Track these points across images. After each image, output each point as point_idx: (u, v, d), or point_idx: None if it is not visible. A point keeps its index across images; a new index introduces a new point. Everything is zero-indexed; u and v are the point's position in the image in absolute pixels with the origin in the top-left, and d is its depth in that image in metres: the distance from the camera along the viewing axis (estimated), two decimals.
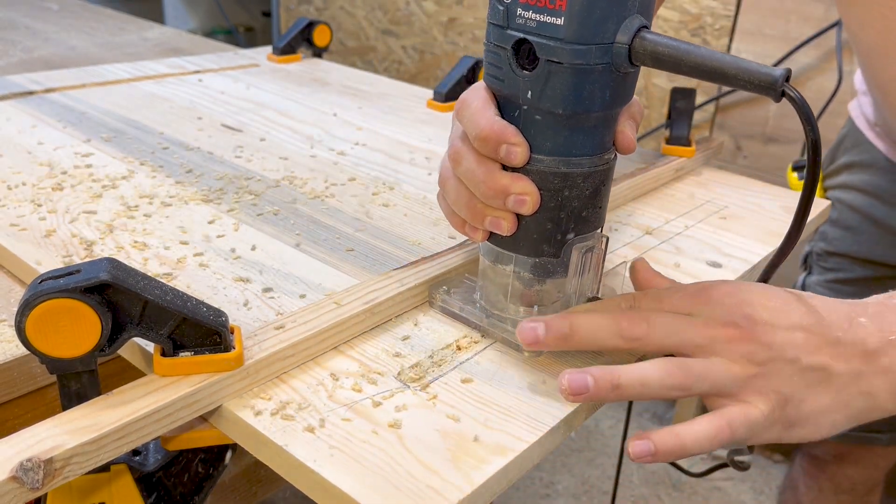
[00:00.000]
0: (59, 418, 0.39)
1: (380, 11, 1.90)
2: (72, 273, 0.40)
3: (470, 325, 0.53)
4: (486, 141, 0.46)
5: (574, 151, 0.46)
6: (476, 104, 0.47)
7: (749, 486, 1.68)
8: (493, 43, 0.46)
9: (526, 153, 0.46)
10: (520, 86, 0.45)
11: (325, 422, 0.43)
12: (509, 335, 0.51)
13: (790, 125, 1.39)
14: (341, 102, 1.01)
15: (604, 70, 0.43)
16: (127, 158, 0.76)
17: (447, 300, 0.55)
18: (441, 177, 0.51)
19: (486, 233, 0.50)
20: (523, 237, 0.49)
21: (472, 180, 0.48)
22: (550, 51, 0.43)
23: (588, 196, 0.48)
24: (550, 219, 0.48)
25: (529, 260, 0.50)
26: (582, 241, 0.49)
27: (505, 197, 0.47)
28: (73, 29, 1.45)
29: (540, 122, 0.46)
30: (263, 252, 0.60)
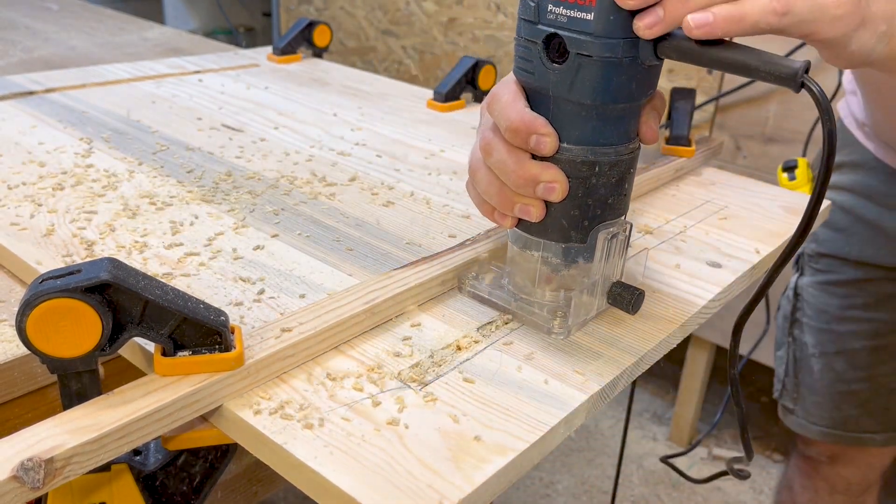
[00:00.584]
0: (59, 418, 0.39)
1: (380, 11, 1.90)
2: (72, 273, 0.40)
3: (498, 309, 0.55)
4: (516, 132, 0.48)
5: (601, 141, 0.49)
6: (506, 97, 0.49)
7: (749, 486, 1.68)
8: (523, 38, 0.48)
9: (555, 143, 0.48)
10: (549, 78, 0.47)
11: (325, 421, 0.43)
12: (537, 317, 0.53)
13: (790, 125, 1.39)
14: (341, 102, 1.01)
15: (630, 63, 0.46)
16: (127, 158, 0.76)
17: (476, 285, 0.57)
18: (471, 167, 0.53)
19: (515, 219, 0.52)
20: (551, 223, 0.51)
21: (502, 170, 0.50)
22: (580, 44, 0.45)
23: (614, 184, 0.50)
24: (578, 206, 0.50)
25: (557, 245, 0.52)
26: (607, 227, 0.51)
27: (535, 185, 0.49)
28: (74, 29, 1.45)
29: (569, 112, 0.48)
30: (263, 252, 0.60)
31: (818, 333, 1.01)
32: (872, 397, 1.00)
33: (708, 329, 1.62)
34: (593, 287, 0.53)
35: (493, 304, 0.56)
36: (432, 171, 0.79)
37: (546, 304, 0.54)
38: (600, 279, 0.53)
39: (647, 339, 0.53)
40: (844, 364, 1.00)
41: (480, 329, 0.53)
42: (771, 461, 1.76)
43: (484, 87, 1.04)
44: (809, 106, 1.36)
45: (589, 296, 0.53)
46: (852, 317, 0.99)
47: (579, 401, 0.46)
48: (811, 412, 1.03)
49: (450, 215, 0.69)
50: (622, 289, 0.54)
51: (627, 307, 0.54)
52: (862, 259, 0.96)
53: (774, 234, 0.72)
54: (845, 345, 0.99)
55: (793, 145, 1.39)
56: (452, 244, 0.62)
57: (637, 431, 1.83)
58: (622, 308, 0.54)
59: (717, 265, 0.64)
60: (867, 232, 0.95)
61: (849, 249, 0.97)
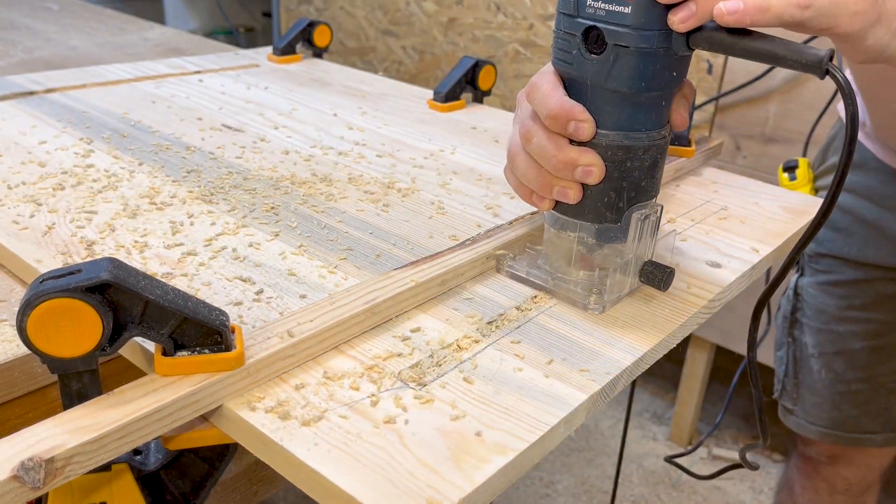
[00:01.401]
0: (60, 418, 0.39)
1: (380, 12, 1.90)
2: (73, 273, 0.40)
3: (536, 287, 0.58)
4: (556, 119, 0.52)
5: (636, 127, 0.52)
6: (545, 86, 0.52)
7: (748, 486, 1.68)
8: (562, 30, 0.51)
9: (592, 129, 0.52)
10: (588, 68, 0.51)
11: (325, 421, 0.43)
12: (574, 294, 0.57)
13: (790, 125, 1.39)
14: (341, 102, 1.01)
15: (664, 53, 0.49)
16: (127, 158, 0.76)
17: (513, 265, 0.60)
18: (510, 153, 0.57)
19: (553, 202, 0.55)
20: (588, 205, 0.54)
21: (542, 155, 0.53)
22: (618, 36, 0.48)
23: (647, 167, 0.54)
24: (613, 188, 0.53)
25: (593, 226, 0.55)
26: (640, 208, 0.55)
27: (573, 168, 0.52)
28: (74, 29, 1.45)
29: (605, 100, 0.51)
30: (264, 252, 0.60)
31: (818, 334, 1.01)
32: (872, 397, 1.00)
33: (708, 329, 1.62)
34: (626, 266, 0.56)
35: (531, 283, 0.59)
36: (432, 172, 0.79)
37: (581, 282, 0.57)
38: (633, 258, 0.56)
39: (647, 339, 0.53)
40: (844, 364, 1.00)
41: (480, 329, 0.53)
42: (771, 461, 1.76)
43: (484, 87, 1.04)
44: (809, 106, 1.36)
45: (622, 274, 0.57)
46: (852, 317, 0.99)
47: (579, 400, 0.46)
48: (811, 412, 1.03)
49: (450, 215, 0.69)
50: (653, 267, 0.57)
51: (659, 284, 0.57)
52: (862, 259, 0.96)
53: (774, 234, 0.72)
54: (845, 345, 0.99)
55: (793, 145, 1.39)
56: (452, 244, 0.62)
57: (637, 431, 1.83)
58: (654, 285, 0.57)
59: (717, 265, 0.64)
60: (867, 232, 0.95)
61: (848, 250, 0.97)
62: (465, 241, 0.62)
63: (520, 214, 0.69)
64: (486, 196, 0.73)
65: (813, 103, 1.35)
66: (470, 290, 0.58)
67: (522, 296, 0.58)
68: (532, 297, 0.57)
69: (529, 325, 0.54)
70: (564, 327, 0.54)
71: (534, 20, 1.63)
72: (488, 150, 0.87)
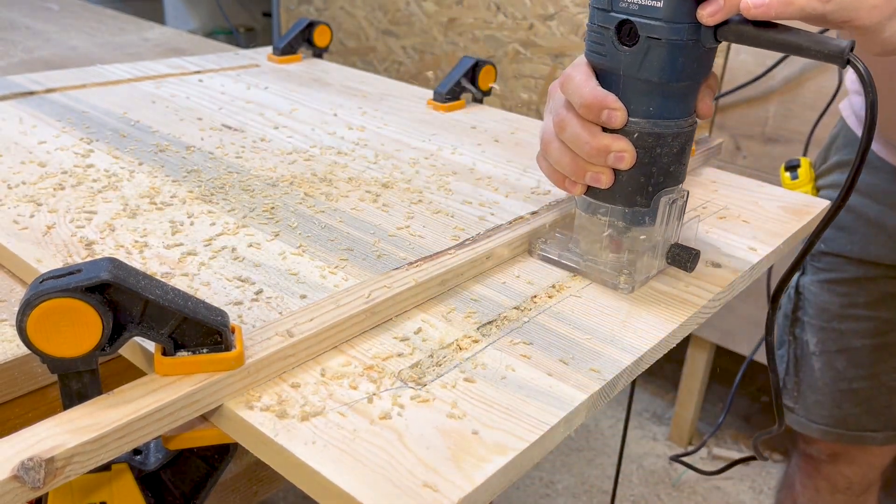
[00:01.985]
0: (60, 417, 0.40)
1: (380, 12, 1.90)
2: (73, 273, 0.40)
3: (567, 269, 0.61)
4: (589, 107, 0.54)
5: (665, 115, 0.55)
6: (579, 77, 0.55)
7: (748, 486, 1.68)
8: (596, 24, 0.55)
9: (624, 117, 0.55)
10: (620, 59, 0.54)
11: (325, 421, 0.43)
12: (604, 275, 0.60)
13: (790, 125, 1.39)
14: (341, 102, 1.01)
15: (693, 45, 0.52)
16: (127, 158, 0.76)
17: (545, 249, 0.63)
18: (543, 141, 0.59)
19: (585, 187, 0.58)
20: (619, 190, 0.57)
21: (576, 142, 0.56)
22: (650, 29, 0.52)
23: (675, 154, 0.57)
24: (643, 173, 0.56)
25: (623, 210, 0.58)
26: (668, 193, 0.58)
27: (606, 154, 0.55)
28: (74, 29, 1.45)
29: (637, 89, 0.55)
30: (264, 252, 0.60)
31: (819, 332, 1.01)
32: (874, 396, 1.00)
33: (708, 329, 1.62)
34: (654, 248, 0.60)
35: (563, 266, 0.62)
36: (432, 171, 0.79)
37: (610, 263, 0.60)
38: (661, 241, 0.59)
39: (646, 339, 0.53)
40: (846, 362, 1.00)
41: (480, 329, 0.53)
42: (771, 461, 1.76)
43: (484, 87, 1.04)
44: (809, 106, 1.36)
45: (650, 257, 0.60)
46: (854, 315, 0.99)
47: (579, 400, 0.46)
48: (812, 411, 1.03)
49: (450, 215, 0.69)
50: (680, 249, 0.60)
51: (685, 266, 0.60)
52: (864, 257, 0.96)
53: (774, 234, 0.72)
54: (847, 343, 0.99)
55: (793, 145, 1.39)
56: (452, 244, 0.62)
57: (637, 431, 1.83)
58: (680, 267, 0.60)
59: (717, 265, 0.64)
60: (869, 230, 0.95)
61: (851, 248, 0.97)
62: (465, 241, 0.62)
63: (519, 214, 0.69)
64: (485, 196, 0.73)
65: (813, 103, 1.35)
66: (470, 289, 0.58)
67: (522, 296, 0.58)
68: (532, 297, 0.57)
69: (529, 325, 0.54)
70: (564, 327, 0.54)
71: (534, 20, 1.63)
72: (488, 150, 0.87)
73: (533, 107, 1.69)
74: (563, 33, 1.59)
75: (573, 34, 1.57)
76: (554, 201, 0.72)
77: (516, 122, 0.98)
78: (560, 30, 1.59)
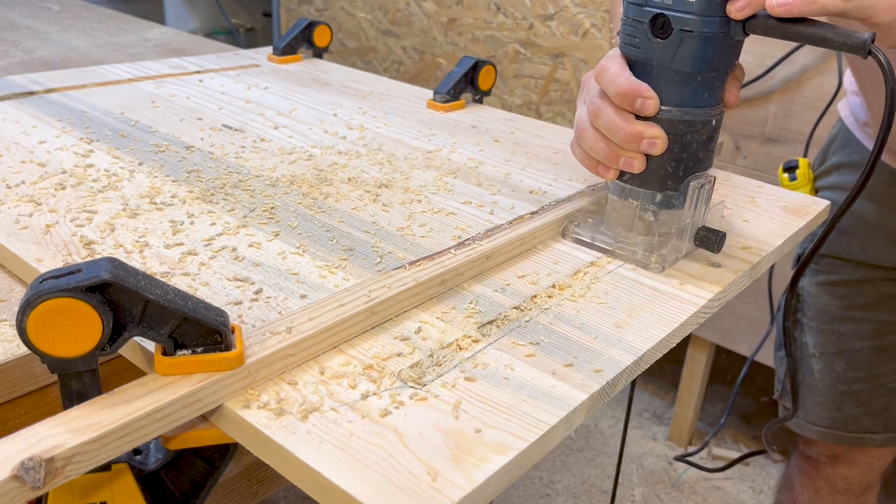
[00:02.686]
0: (60, 417, 0.40)
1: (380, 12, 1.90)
2: (73, 272, 0.40)
3: (600, 251, 0.65)
4: (624, 96, 0.58)
5: (695, 103, 0.59)
6: (614, 68, 0.59)
7: (748, 486, 1.68)
8: (631, 18, 0.58)
9: (657, 105, 0.58)
10: (654, 51, 0.57)
11: (325, 421, 0.43)
12: (635, 255, 0.63)
13: (790, 125, 1.39)
14: (341, 102, 1.01)
15: (723, 37, 0.56)
16: (127, 158, 0.76)
17: (578, 231, 0.66)
18: (578, 129, 0.63)
19: (618, 172, 0.62)
20: (650, 174, 0.61)
21: (611, 129, 0.59)
22: (684, 22, 0.55)
23: (704, 140, 0.60)
24: (674, 158, 0.60)
25: (654, 194, 0.62)
26: (697, 178, 0.61)
27: (639, 141, 0.58)
28: (74, 29, 1.45)
29: (669, 79, 0.58)
30: (264, 252, 0.60)
31: (819, 334, 1.01)
32: (873, 397, 1.00)
33: (708, 329, 1.62)
34: (683, 231, 0.63)
35: (596, 247, 0.65)
36: (432, 171, 0.79)
37: (641, 244, 0.64)
38: (689, 223, 0.63)
39: (646, 339, 0.53)
40: (845, 364, 1.00)
41: (480, 329, 0.53)
42: (771, 461, 1.76)
43: (484, 87, 1.04)
44: (809, 106, 1.36)
45: (678, 239, 0.63)
46: (853, 317, 0.99)
47: (579, 400, 0.46)
48: (811, 412, 1.03)
49: (450, 215, 0.69)
50: (707, 232, 0.63)
51: (712, 247, 0.63)
52: (863, 259, 0.96)
53: (774, 234, 0.72)
54: (846, 345, 0.99)
55: (793, 145, 1.39)
56: (452, 244, 0.62)
57: (637, 431, 1.83)
58: (708, 248, 0.63)
59: (717, 265, 0.64)
60: (868, 232, 0.95)
61: (850, 249, 0.97)
62: (465, 241, 0.62)
63: (519, 214, 0.69)
64: (485, 196, 0.73)
65: (813, 103, 1.35)
66: (470, 289, 0.58)
67: (522, 295, 0.58)
68: (532, 297, 0.57)
69: (529, 324, 0.54)
70: (564, 327, 0.54)
71: (534, 20, 1.63)
72: (488, 150, 0.87)
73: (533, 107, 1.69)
74: (563, 33, 1.59)
75: (573, 34, 1.57)
76: (554, 201, 0.72)
77: (516, 122, 0.98)
78: (560, 30, 1.59)
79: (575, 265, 0.63)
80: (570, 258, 0.64)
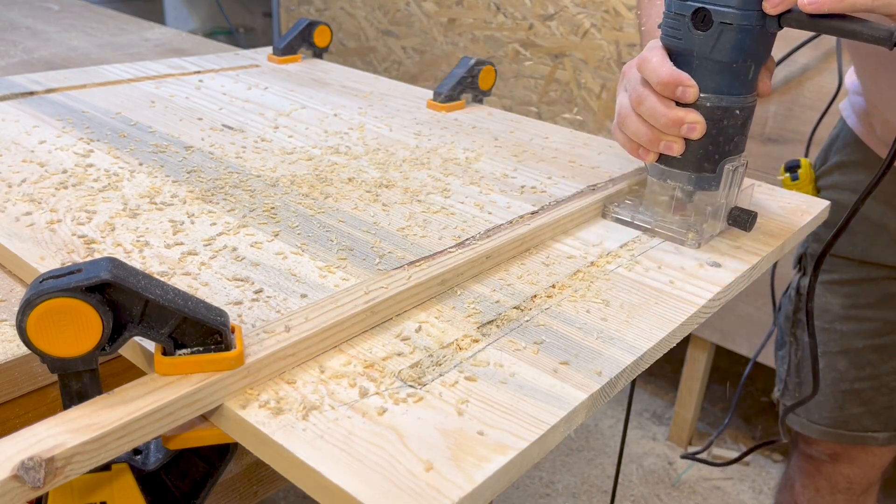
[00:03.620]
0: (60, 417, 0.40)
1: (380, 12, 1.90)
2: (73, 272, 0.40)
3: (639, 229, 0.69)
4: (666, 85, 0.62)
5: (732, 91, 0.63)
6: (655, 59, 0.63)
7: (748, 486, 1.68)
8: (673, 11, 0.63)
9: (696, 93, 0.62)
10: (695, 42, 0.62)
11: (325, 421, 0.43)
12: (673, 232, 0.68)
13: (790, 125, 1.39)
14: (341, 102, 1.01)
15: (760, 30, 0.60)
16: (127, 158, 0.76)
17: (618, 211, 0.71)
18: (621, 115, 0.67)
19: (657, 155, 0.66)
20: (689, 157, 0.66)
21: (652, 115, 0.63)
22: (723, 15, 0.60)
23: (740, 125, 0.65)
24: (711, 143, 0.65)
25: (692, 175, 0.66)
26: (732, 161, 0.66)
27: (680, 126, 0.63)
28: (74, 29, 1.45)
29: (708, 69, 0.62)
30: (264, 252, 0.60)
31: (821, 333, 1.01)
32: (875, 396, 1.00)
33: (708, 329, 1.62)
34: (717, 211, 0.68)
35: (636, 226, 0.70)
36: (432, 172, 0.79)
37: (677, 222, 0.68)
38: (724, 204, 0.67)
39: (646, 338, 0.53)
40: (847, 363, 1.00)
41: (480, 328, 0.53)
42: (771, 461, 1.76)
43: (484, 87, 1.04)
44: (810, 106, 1.36)
45: (713, 218, 0.68)
46: (855, 316, 0.99)
47: (579, 399, 0.46)
48: (813, 411, 1.03)
49: (449, 215, 0.69)
50: (740, 212, 0.68)
51: (745, 226, 0.68)
52: (865, 258, 0.96)
53: (774, 233, 0.72)
54: (848, 344, 0.99)
55: (793, 145, 1.39)
56: (452, 244, 0.62)
57: (637, 431, 1.83)
58: (741, 227, 0.68)
59: (717, 265, 0.64)
60: (871, 231, 0.95)
61: (852, 249, 0.97)
62: (464, 241, 0.62)
63: (519, 214, 0.69)
64: (485, 195, 0.73)
65: (813, 103, 1.35)
66: (470, 289, 0.58)
67: (522, 295, 0.58)
68: (532, 297, 0.57)
69: (529, 324, 0.54)
70: (564, 327, 0.54)
71: (534, 20, 1.63)
72: (488, 150, 0.87)
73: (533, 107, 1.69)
74: (562, 33, 1.59)
75: (573, 34, 1.57)
76: (554, 201, 0.72)
77: (516, 122, 0.98)
78: (560, 30, 1.59)
79: (575, 265, 0.63)
80: (569, 258, 0.64)
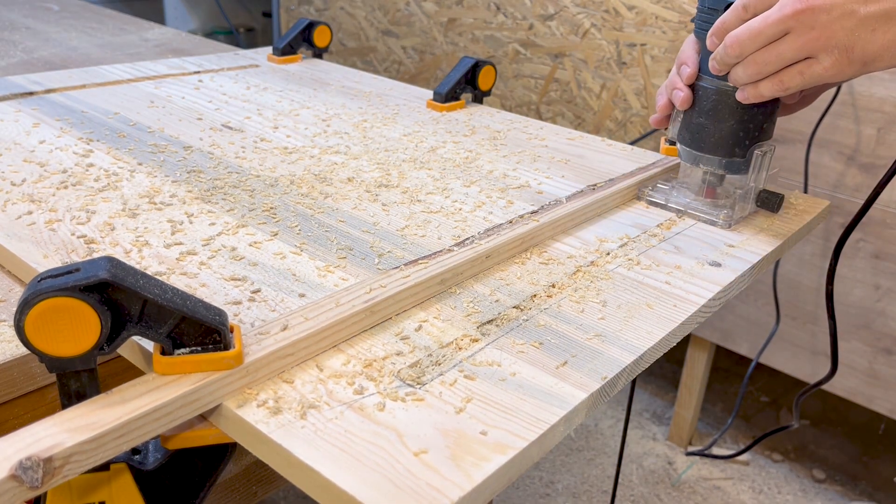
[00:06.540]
0: (58, 417, 0.39)
1: (380, 12, 1.90)
2: (71, 272, 0.40)
3: (673, 211, 0.74)
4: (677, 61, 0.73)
5: None
6: (685, 46, 0.72)
7: (748, 486, 1.68)
8: (707, 7, 0.69)
9: (690, 73, 0.71)
10: None
11: (324, 420, 0.43)
12: (705, 213, 0.72)
13: (790, 125, 1.39)
14: (341, 102, 1.01)
15: None
16: (127, 158, 0.76)
17: (653, 195, 0.75)
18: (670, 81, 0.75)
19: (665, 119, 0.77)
20: (721, 143, 0.71)
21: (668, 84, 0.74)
22: None
23: (769, 112, 0.70)
24: (742, 128, 0.70)
25: (723, 160, 0.71)
26: (760, 146, 0.71)
27: (672, 89, 0.73)
28: (74, 29, 1.45)
29: None
30: (263, 251, 0.60)
31: None
32: None
33: (708, 329, 1.62)
34: (746, 193, 0.72)
35: (669, 208, 0.74)
36: (432, 171, 0.79)
37: (709, 204, 0.73)
38: (752, 187, 0.72)
39: (646, 338, 0.53)
40: None
41: (480, 328, 0.53)
42: (771, 461, 1.76)
43: (484, 87, 1.04)
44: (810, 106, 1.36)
45: (743, 200, 0.72)
46: None
47: (579, 399, 0.46)
48: None
49: (449, 215, 0.69)
50: (768, 194, 0.73)
51: (773, 207, 0.73)
52: None
53: (774, 234, 0.72)
54: None
55: (793, 145, 1.39)
56: (452, 243, 0.62)
57: (637, 431, 1.83)
58: (769, 209, 0.74)
59: (717, 265, 0.64)
60: None
61: None
62: (464, 241, 0.62)
63: (518, 214, 0.69)
64: (485, 195, 0.73)
65: (814, 103, 1.35)
66: (469, 289, 0.58)
67: (522, 295, 0.58)
68: (532, 297, 0.57)
69: (528, 324, 0.54)
70: (564, 326, 0.54)
71: (534, 20, 1.63)
72: (488, 149, 0.87)
73: (533, 107, 1.69)
74: (563, 33, 1.59)
75: (573, 34, 1.57)
76: (553, 200, 0.72)
77: (516, 122, 0.98)
78: (560, 30, 1.59)
79: (574, 265, 0.63)
80: (569, 258, 0.64)
